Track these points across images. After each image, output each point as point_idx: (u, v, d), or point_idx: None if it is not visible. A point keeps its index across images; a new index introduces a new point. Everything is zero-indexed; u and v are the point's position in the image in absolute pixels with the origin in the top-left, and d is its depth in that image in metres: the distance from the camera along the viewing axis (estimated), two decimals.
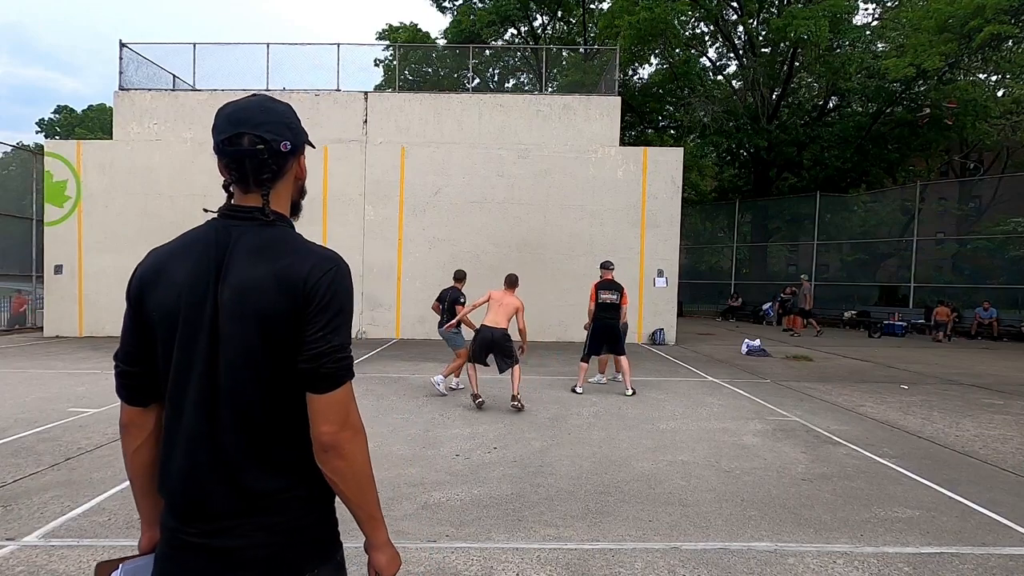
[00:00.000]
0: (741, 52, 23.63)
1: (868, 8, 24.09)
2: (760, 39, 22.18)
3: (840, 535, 3.35)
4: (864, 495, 4.00)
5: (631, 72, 25.31)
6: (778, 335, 15.71)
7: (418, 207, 13.45)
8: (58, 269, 13.10)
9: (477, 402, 6.33)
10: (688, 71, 21.96)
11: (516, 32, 28.85)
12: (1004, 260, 18.78)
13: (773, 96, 22.69)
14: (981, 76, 21.87)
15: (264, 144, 1.09)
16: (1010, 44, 18.55)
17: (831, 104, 25.08)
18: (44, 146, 14.15)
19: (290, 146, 1.13)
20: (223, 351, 1.05)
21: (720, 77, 25.87)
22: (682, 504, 3.79)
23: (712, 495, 3.95)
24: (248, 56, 13.98)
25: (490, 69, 30.57)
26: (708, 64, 25.25)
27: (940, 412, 6.67)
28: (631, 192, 13.49)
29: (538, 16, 28.31)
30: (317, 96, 13.66)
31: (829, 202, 21.23)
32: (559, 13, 27.64)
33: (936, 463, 4.75)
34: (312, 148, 1.24)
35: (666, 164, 13.62)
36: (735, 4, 22.95)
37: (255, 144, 1.09)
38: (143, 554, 1.20)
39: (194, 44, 14.07)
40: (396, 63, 22.29)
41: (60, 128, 41.71)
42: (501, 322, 6.40)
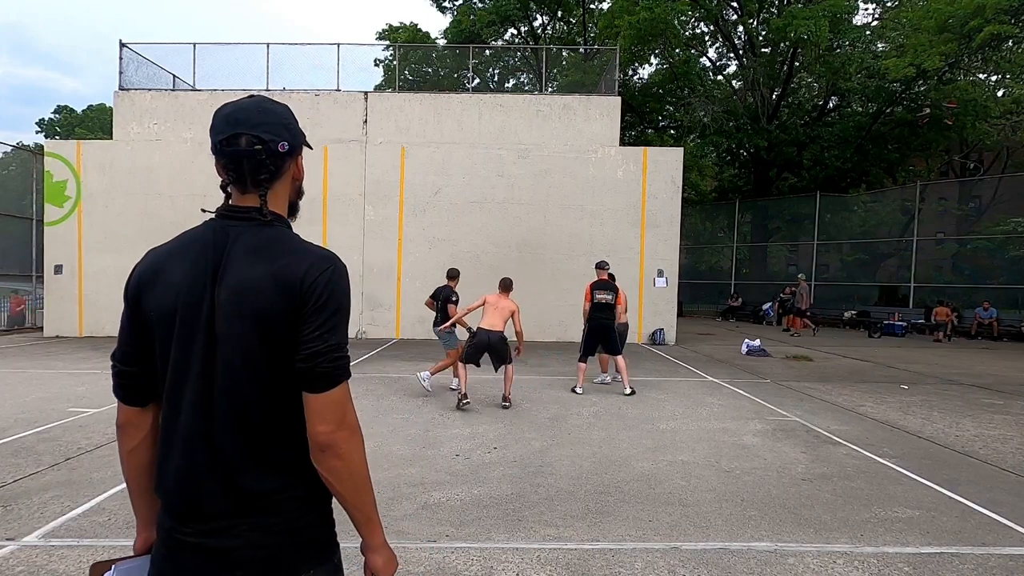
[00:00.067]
0: (741, 52, 23.63)
1: (868, 8, 24.13)
2: (760, 39, 22.19)
3: (840, 535, 3.35)
4: (864, 495, 4.00)
5: (631, 72, 25.31)
6: (778, 335, 15.71)
7: (418, 207, 13.45)
8: (58, 269, 13.11)
9: (463, 403, 6.28)
10: (688, 71, 21.96)
11: (516, 32, 28.85)
12: (1004, 260, 18.78)
13: (773, 96, 22.69)
14: (981, 76, 21.87)
15: (262, 145, 1.09)
16: (1010, 44, 18.55)
17: (831, 104, 25.08)
18: (44, 146, 14.15)
19: (288, 147, 1.13)
20: (220, 351, 1.05)
21: (720, 77, 25.88)
22: (682, 504, 3.78)
23: (712, 495, 3.95)
24: (248, 56, 13.99)
25: (490, 69, 30.58)
26: (708, 64, 25.26)
27: (940, 412, 6.67)
28: (631, 192, 13.50)
29: (538, 16, 28.31)
30: (317, 96, 13.66)
31: (829, 202, 21.24)
32: (559, 13, 27.65)
33: (936, 463, 4.75)
34: (310, 149, 1.24)
35: (666, 164, 13.62)
36: (735, 4, 22.95)
37: (253, 145, 1.09)
38: (138, 555, 1.19)
39: (194, 44, 14.07)
40: (396, 63, 22.29)
41: (60, 128, 41.72)
42: (498, 325, 6.44)
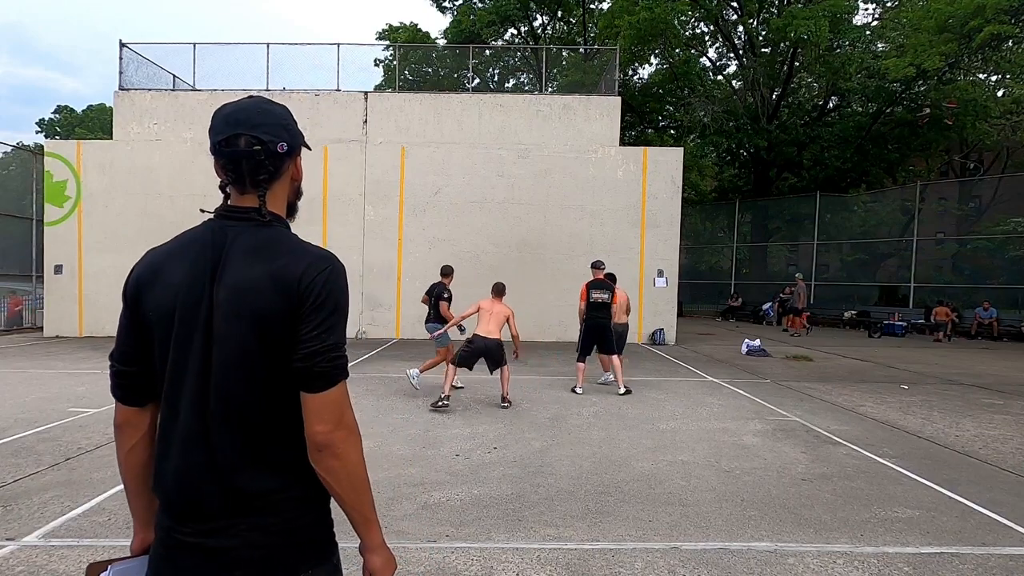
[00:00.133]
0: (741, 52, 23.63)
1: (868, 8, 24.13)
2: (760, 39, 22.19)
3: (840, 535, 3.35)
4: (864, 495, 4.00)
5: (631, 72, 25.31)
6: (778, 335, 15.71)
7: (418, 207, 13.45)
8: (58, 269, 13.11)
9: (439, 404, 6.17)
10: (688, 71, 21.97)
11: (516, 32, 28.85)
12: (1004, 260, 18.78)
13: (773, 96, 22.69)
14: (981, 76, 21.87)
15: (261, 145, 1.09)
16: (1010, 44, 18.56)
17: (831, 104, 25.08)
18: (44, 146, 14.16)
19: (287, 147, 1.13)
20: (219, 351, 1.05)
21: (720, 77, 25.88)
22: (682, 504, 3.78)
23: (712, 495, 3.95)
24: (248, 56, 14.00)
25: (490, 69, 30.57)
26: (708, 64, 25.26)
27: (940, 412, 6.67)
28: (631, 192, 13.50)
29: (538, 16, 28.31)
30: (317, 96, 13.66)
31: (829, 202, 21.24)
32: (559, 13, 27.65)
33: (936, 463, 4.75)
34: (308, 150, 1.24)
35: (666, 164, 13.62)
36: (735, 4, 22.95)
37: (252, 145, 1.09)
38: (134, 555, 1.19)
39: (194, 44, 14.07)
40: (396, 63, 22.30)
41: (60, 128, 41.70)
42: (494, 332, 6.45)
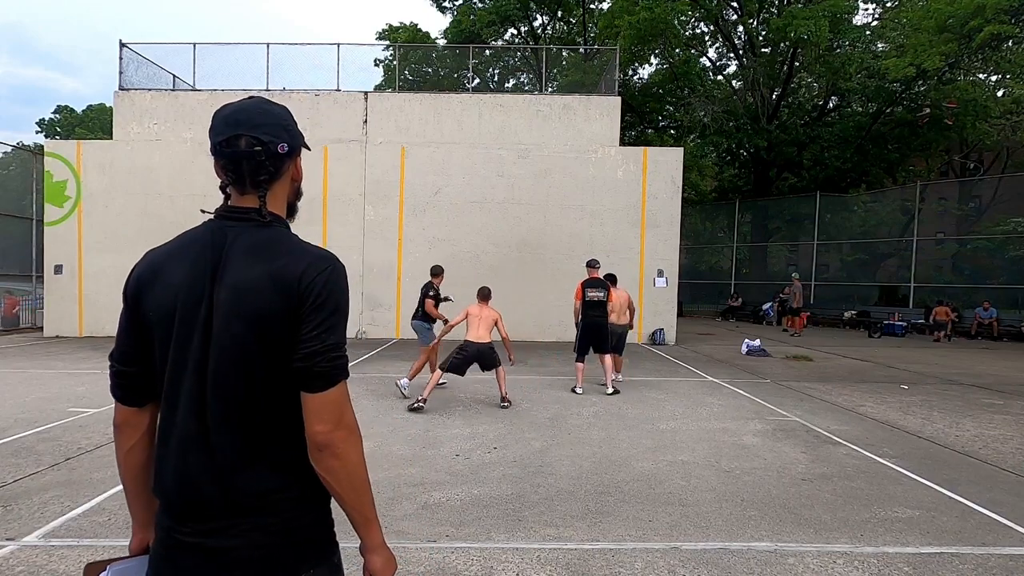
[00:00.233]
0: (741, 52, 23.63)
1: (868, 8, 24.12)
2: (760, 39, 22.19)
3: (840, 535, 3.35)
4: (864, 495, 4.00)
5: (631, 72, 25.31)
6: (778, 335, 15.71)
7: (418, 207, 13.45)
8: (58, 269, 13.11)
9: (415, 405, 6.15)
10: (688, 71, 21.97)
11: (516, 32, 28.85)
12: (1004, 260, 18.78)
13: (773, 96, 22.69)
14: (981, 76, 21.87)
15: (262, 146, 1.09)
16: (1010, 44, 18.55)
17: (831, 104, 25.09)
18: (44, 146, 14.15)
19: (287, 148, 1.13)
20: (218, 351, 1.05)
21: (720, 77, 25.88)
22: (682, 504, 3.78)
23: (712, 495, 3.95)
24: (248, 56, 14.00)
25: (490, 69, 30.57)
26: (708, 64, 25.27)
27: (940, 412, 6.67)
28: (631, 192, 13.50)
29: (538, 16, 28.31)
30: (317, 96, 13.66)
31: (829, 202, 21.24)
32: (559, 13, 27.65)
33: (936, 463, 4.75)
34: (308, 150, 1.24)
35: (666, 164, 13.62)
36: (735, 4, 22.95)
37: (253, 146, 1.09)
38: (133, 555, 1.19)
39: (194, 44, 14.07)
40: (396, 63, 22.30)
41: (60, 128, 41.70)
42: (484, 336, 6.45)
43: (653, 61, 23.76)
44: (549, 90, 20.10)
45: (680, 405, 6.84)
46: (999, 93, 22.66)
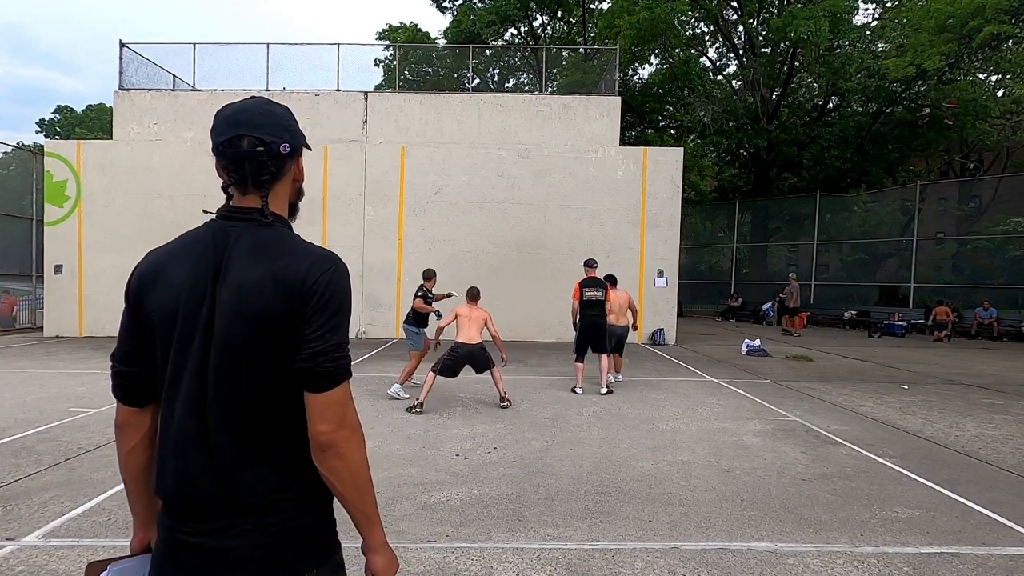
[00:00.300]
0: (741, 52, 23.63)
1: (868, 8, 24.12)
2: (760, 39, 22.19)
3: (840, 535, 3.35)
4: (864, 495, 4.00)
5: (631, 72, 25.31)
6: (778, 335, 15.71)
7: (418, 207, 13.45)
8: (58, 269, 13.11)
9: (416, 411, 6.14)
10: (688, 71, 21.97)
11: (516, 32, 28.85)
12: (1004, 260, 18.78)
13: (773, 96, 22.69)
14: (981, 76, 21.87)
15: (264, 146, 1.09)
16: (1010, 44, 18.55)
17: (831, 104, 25.09)
18: (44, 146, 14.15)
19: (289, 148, 1.13)
20: (219, 351, 1.05)
21: (720, 77, 25.88)
22: (682, 504, 3.79)
23: (712, 495, 3.95)
24: (248, 56, 14.00)
25: (490, 69, 30.57)
26: (708, 64, 25.27)
27: (940, 412, 6.67)
28: (631, 192, 13.50)
29: (538, 16, 28.31)
30: (317, 96, 13.66)
31: (829, 202, 21.24)
32: (559, 13, 27.64)
33: (936, 463, 4.75)
34: (309, 150, 1.24)
35: (666, 164, 13.62)
36: (735, 4, 22.96)
37: (255, 146, 1.09)
38: (134, 555, 1.19)
39: (194, 44, 14.07)
40: (396, 63, 22.30)
41: (60, 128, 41.69)
42: (475, 337, 6.43)
43: (653, 61, 23.76)
44: (549, 90, 20.10)
45: (680, 405, 6.84)
46: (999, 93, 22.67)
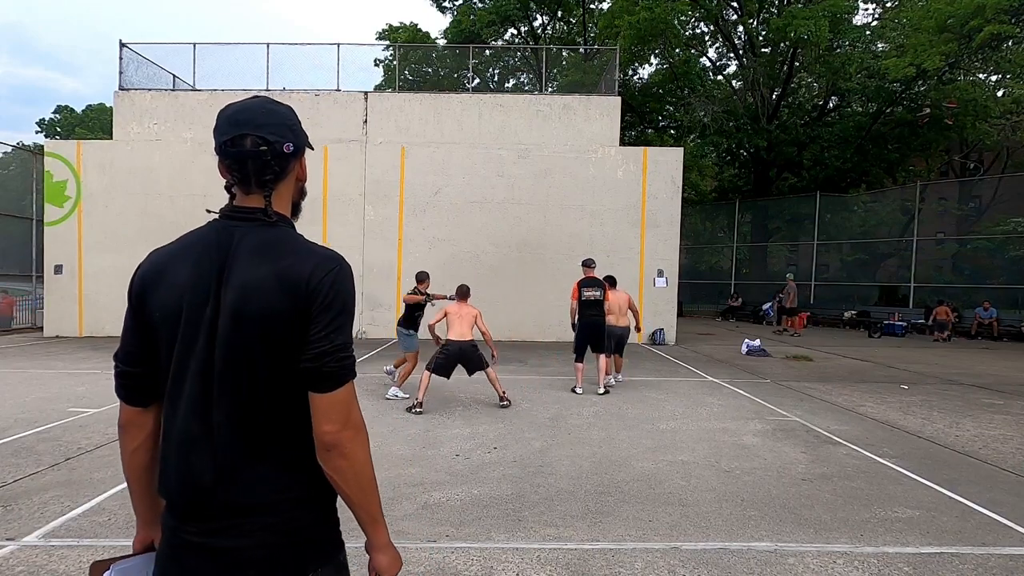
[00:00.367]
0: (741, 52, 23.63)
1: (868, 8, 24.13)
2: (760, 39, 22.19)
3: (840, 535, 3.35)
4: (864, 495, 4.00)
5: (631, 72, 25.31)
6: (778, 335, 15.71)
7: (418, 207, 13.45)
8: (58, 269, 13.10)
9: (415, 411, 6.14)
10: (688, 71, 21.97)
11: (516, 32, 28.84)
12: (1004, 260, 18.78)
13: (773, 96, 22.69)
14: (981, 76, 21.87)
15: (267, 145, 1.09)
16: (1010, 44, 18.55)
17: (831, 104, 25.09)
18: (44, 146, 14.14)
19: (293, 147, 1.13)
20: (223, 351, 1.05)
21: (720, 77, 25.88)
22: (682, 504, 3.79)
23: (712, 495, 3.95)
24: (248, 56, 14.00)
25: (490, 69, 30.57)
26: (708, 64, 25.27)
27: (940, 412, 6.67)
28: (631, 192, 13.50)
29: (538, 16, 28.30)
30: (317, 96, 13.66)
31: (829, 202, 21.24)
32: (559, 13, 27.64)
33: (936, 463, 4.75)
34: (311, 150, 1.24)
35: (666, 164, 13.62)
36: (735, 4, 22.96)
37: (258, 145, 1.09)
38: (136, 554, 1.20)
39: (194, 44, 14.07)
40: (396, 63, 22.31)
41: (60, 128, 41.69)
42: (466, 334, 6.42)
43: (653, 61, 23.76)
44: (549, 90, 20.10)
45: (680, 405, 6.84)
46: (999, 93, 22.66)
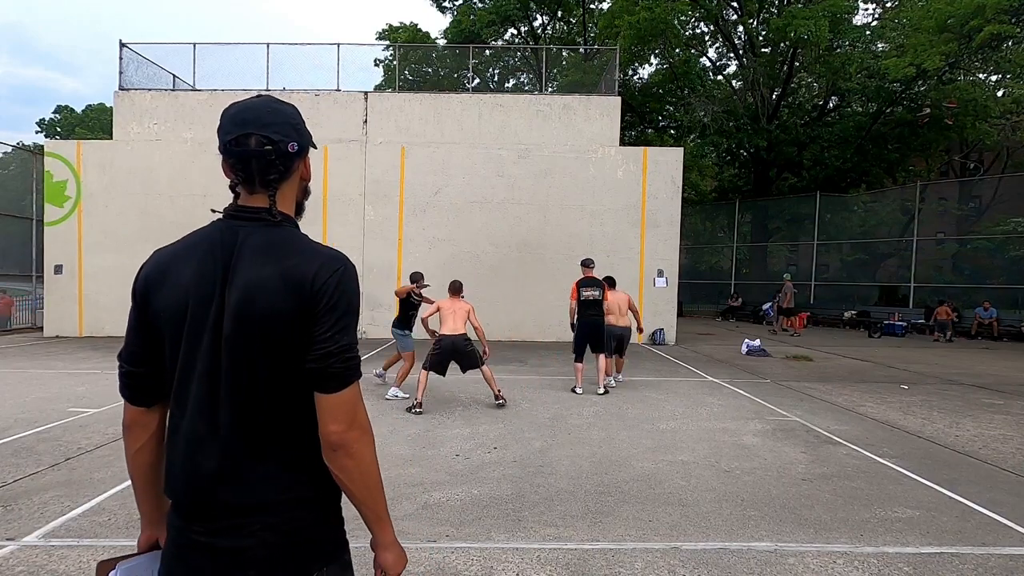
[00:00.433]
0: (741, 52, 23.63)
1: (868, 8, 24.13)
2: (760, 39, 22.19)
3: (840, 535, 3.35)
4: (864, 495, 4.00)
5: (631, 72, 25.32)
6: (778, 335, 15.71)
7: (418, 207, 13.45)
8: (58, 269, 13.10)
9: (415, 411, 6.14)
10: (688, 71, 21.97)
11: (516, 32, 28.84)
12: (1004, 260, 18.78)
13: (773, 96, 22.69)
14: (981, 76, 21.87)
15: (272, 145, 1.09)
16: (1010, 44, 18.55)
17: (831, 104, 25.09)
18: (44, 146, 14.14)
19: (297, 147, 1.13)
20: (228, 351, 1.05)
21: (720, 77, 25.88)
22: (682, 504, 3.79)
23: (712, 495, 3.95)
24: (248, 56, 14.00)
25: (490, 69, 30.57)
26: (708, 64, 25.27)
27: (940, 412, 6.67)
28: (631, 192, 13.50)
29: (538, 16, 28.30)
30: (317, 96, 13.66)
31: (829, 202, 21.24)
32: (559, 13, 27.64)
33: (936, 463, 4.76)
34: (315, 149, 1.24)
35: (666, 164, 13.62)
36: (735, 4, 22.96)
37: (263, 145, 1.09)
38: (141, 553, 1.20)
39: (194, 44, 14.07)
40: (396, 63, 22.32)
41: (60, 128, 41.68)
42: (459, 328, 6.43)
43: (653, 61, 23.77)
44: (549, 90, 20.10)
45: (680, 405, 6.84)
46: (999, 93, 22.66)
